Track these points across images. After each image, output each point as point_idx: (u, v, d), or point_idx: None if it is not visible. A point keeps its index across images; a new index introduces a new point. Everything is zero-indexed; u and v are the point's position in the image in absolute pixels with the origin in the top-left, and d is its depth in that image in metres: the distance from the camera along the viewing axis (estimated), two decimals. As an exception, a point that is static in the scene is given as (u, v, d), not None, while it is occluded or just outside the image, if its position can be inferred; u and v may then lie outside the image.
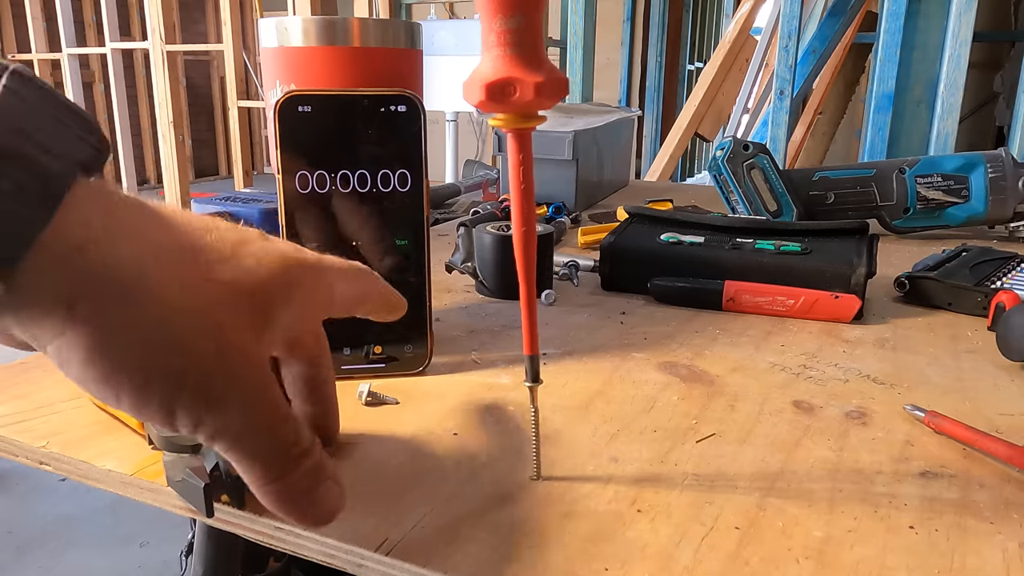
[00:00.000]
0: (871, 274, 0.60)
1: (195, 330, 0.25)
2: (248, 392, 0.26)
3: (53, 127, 0.24)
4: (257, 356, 0.27)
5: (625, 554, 0.30)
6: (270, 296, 0.28)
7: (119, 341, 0.24)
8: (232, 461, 0.27)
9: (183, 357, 0.25)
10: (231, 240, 0.28)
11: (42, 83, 0.24)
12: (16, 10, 4.75)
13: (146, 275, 0.24)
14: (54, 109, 0.24)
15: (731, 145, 0.88)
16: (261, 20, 0.50)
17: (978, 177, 0.85)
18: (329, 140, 0.43)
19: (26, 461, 0.39)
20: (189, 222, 0.28)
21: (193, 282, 0.26)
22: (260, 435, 0.27)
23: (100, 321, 0.24)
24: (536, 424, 0.35)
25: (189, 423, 0.25)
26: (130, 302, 0.24)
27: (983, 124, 3.85)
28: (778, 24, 1.90)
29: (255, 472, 0.27)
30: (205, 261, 0.27)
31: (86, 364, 0.24)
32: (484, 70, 0.29)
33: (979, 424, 0.40)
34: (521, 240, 0.32)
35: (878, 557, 0.30)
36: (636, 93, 4.32)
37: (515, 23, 0.28)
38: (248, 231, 0.30)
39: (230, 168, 6.48)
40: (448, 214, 1.16)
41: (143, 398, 0.25)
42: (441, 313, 0.60)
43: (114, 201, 0.25)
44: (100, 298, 0.24)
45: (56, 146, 0.23)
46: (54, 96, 0.25)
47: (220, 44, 2.69)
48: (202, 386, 0.25)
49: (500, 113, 0.30)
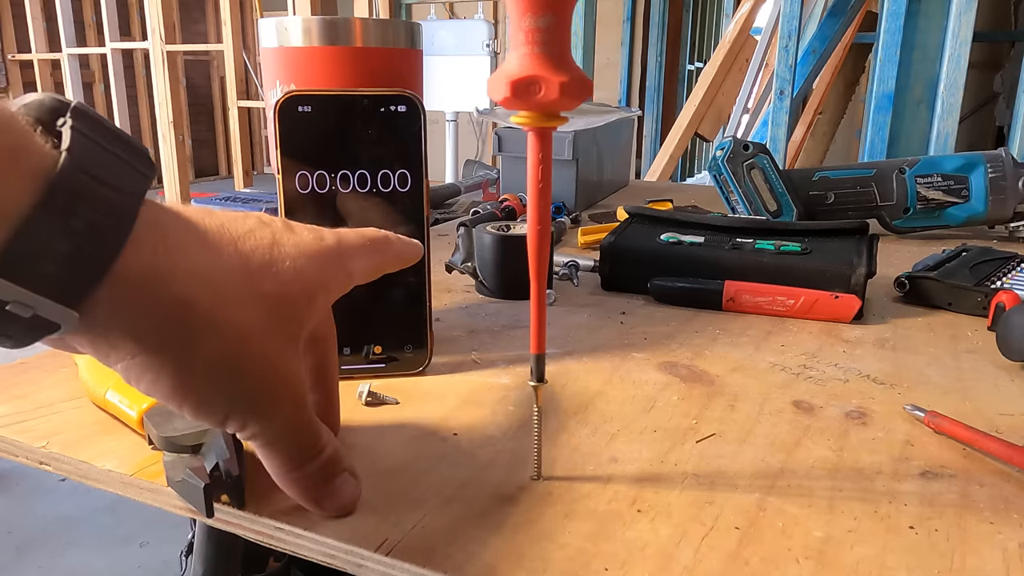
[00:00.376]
0: (871, 274, 0.60)
1: (247, 356, 0.28)
2: (289, 405, 0.30)
3: (114, 164, 0.25)
4: (297, 368, 0.30)
5: (625, 554, 0.30)
6: (309, 303, 0.31)
7: (185, 369, 0.27)
8: (258, 452, 0.30)
9: (237, 379, 0.28)
10: (266, 243, 0.30)
11: (99, 117, 0.26)
12: (16, 10, 4.75)
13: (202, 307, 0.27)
14: (113, 144, 0.26)
15: (731, 145, 0.88)
16: (261, 20, 0.50)
17: (978, 177, 0.85)
18: (329, 140, 0.43)
19: (26, 461, 0.39)
20: (229, 233, 0.29)
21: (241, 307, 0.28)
22: (291, 437, 0.30)
23: (168, 352, 0.27)
24: (539, 424, 0.35)
25: (236, 427, 0.29)
26: (192, 335, 0.27)
27: (983, 124, 3.85)
28: (778, 24, 1.90)
29: (276, 462, 0.31)
30: (249, 276, 0.29)
31: (155, 384, 0.27)
32: (511, 67, 0.29)
33: (979, 424, 0.40)
34: (536, 239, 0.32)
35: (878, 557, 0.30)
36: (636, 93, 4.31)
37: (544, 22, 0.28)
38: (272, 223, 0.31)
39: (230, 168, 6.48)
40: (448, 214, 1.16)
41: (203, 411, 0.28)
42: (441, 313, 0.60)
43: (167, 225, 0.27)
44: (167, 331, 0.26)
45: (120, 182, 0.25)
46: (110, 130, 0.26)
47: (220, 44, 2.70)
48: (252, 401, 0.29)
49: (523, 111, 0.30)
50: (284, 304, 0.30)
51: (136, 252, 0.25)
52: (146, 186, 0.26)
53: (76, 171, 0.24)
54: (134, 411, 0.38)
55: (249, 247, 0.29)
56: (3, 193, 0.22)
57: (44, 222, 0.23)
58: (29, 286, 0.23)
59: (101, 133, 0.25)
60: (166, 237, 0.27)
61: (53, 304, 0.24)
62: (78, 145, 0.24)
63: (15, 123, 0.23)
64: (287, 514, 0.32)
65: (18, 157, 0.23)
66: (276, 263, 0.30)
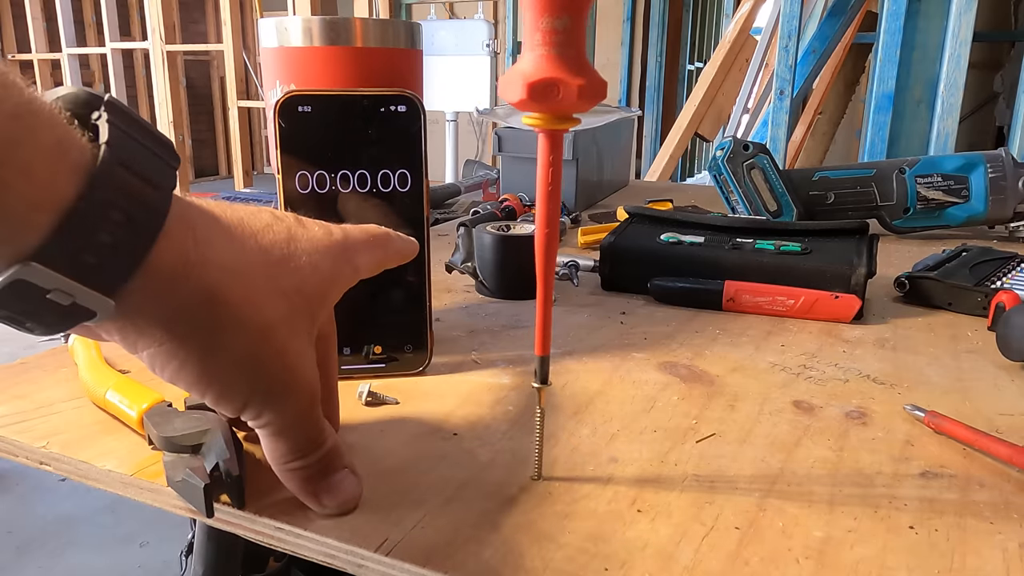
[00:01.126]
0: (871, 274, 0.60)
1: (269, 349, 0.29)
2: (304, 397, 0.31)
3: (148, 157, 0.26)
4: (312, 361, 0.31)
5: (625, 554, 0.30)
6: (323, 298, 0.32)
7: (210, 359, 0.28)
8: (264, 440, 0.31)
9: (259, 371, 0.29)
10: (283, 237, 0.31)
11: (129, 110, 0.26)
12: (16, 10, 4.75)
13: (230, 300, 0.28)
14: (145, 139, 0.26)
15: (731, 145, 0.88)
16: (261, 20, 0.50)
17: (978, 177, 0.85)
18: (329, 140, 0.43)
19: (26, 461, 0.39)
20: (249, 227, 0.30)
21: (265, 301, 0.29)
22: (299, 427, 0.31)
23: (194, 341, 0.27)
24: (541, 424, 0.35)
25: (252, 415, 0.30)
26: (219, 326, 0.28)
27: (983, 124, 3.85)
28: (778, 24, 1.90)
29: (280, 451, 0.31)
30: (270, 270, 0.30)
31: (179, 371, 0.28)
32: (527, 68, 0.28)
33: (979, 424, 0.40)
34: (543, 241, 0.32)
35: (878, 557, 0.30)
36: (636, 93, 4.31)
37: (562, 23, 0.28)
38: (286, 218, 0.32)
39: (230, 168, 6.48)
40: (448, 214, 1.16)
41: (224, 399, 0.29)
42: (441, 313, 0.60)
43: (194, 219, 0.28)
44: (195, 321, 0.27)
45: (153, 175, 0.26)
46: (140, 124, 0.27)
47: (220, 44, 2.70)
48: (270, 392, 0.30)
49: (538, 113, 0.30)
50: (302, 298, 0.30)
51: (168, 244, 0.26)
52: (174, 179, 0.27)
53: (115, 165, 0.24)
54: (134, 411, 0.38)
55: (268, 241, 0.30)
56: (51, 186, 0.23)
57: (87, 214, 0.24)
58: (71, 275, 0.24)
59: (134, 126, 0.26)
60: (195, 230, 0.27)
61: (92, 293, 0.25)
62: (115, 139, 0.25)
63: (57, 118, 0.24)
64: (287, 514, 0.32)
65: (63, 148, 0.24)
66: (293, 258, 0.31)
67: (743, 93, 2.55)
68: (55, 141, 0.23)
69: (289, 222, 0.32)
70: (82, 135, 0.25)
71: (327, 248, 0.32)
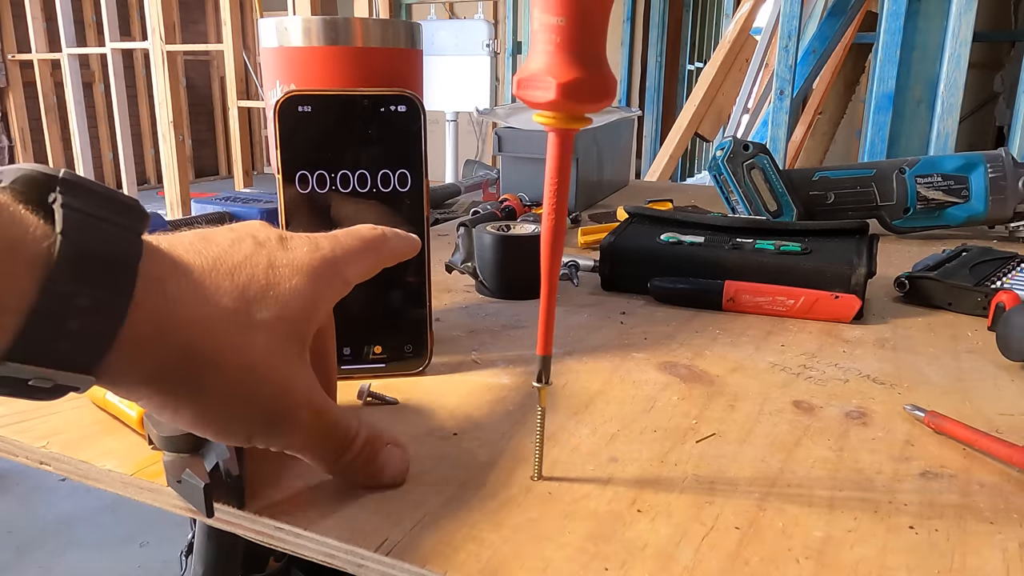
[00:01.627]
0: (871, 274, 0.60)
1: (256, 382, 0.29)
2: (308, 415, 0.31)
3: (110, 234, 0.26)
4: (308, 378, 0.32)
5: (625, 554, 0.30)
6: (309, 319, 0.32)
7: (200, 405, 0.29)
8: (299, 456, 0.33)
9: (250, 405, 0.30)
10: (262, 268, 0.31)
11: (86, 183, 0.26)
12: (16, 10, 4.75)
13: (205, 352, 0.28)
14: (105, 210, 0.26)
15: (731, 145, 0.88)
16: (261, 20, 0.50)
17: (978, 177, 0.85)
18: (329, 140, 0.43)
19: (26, 461, 0.39)
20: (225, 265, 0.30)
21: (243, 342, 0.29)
22: (320, 441, 0.32)
23: (182, 392, 0.28)
24: (541, 425, 0.35)
25: (262, 444, 0.31)
26: (200, 375, 0.28)
27: (983, 124, 3.85)
28: (778, 24, 1.90)
29: (316, 463, 0.33)
30: (248, 307, 0.30)
31: (175, 417, 0.29)
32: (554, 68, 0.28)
33: (979, 424, 0.40)
34: (549, 241, 0.32)
35: (878, 557, 0.30)
36: (636, 93, 4.31)
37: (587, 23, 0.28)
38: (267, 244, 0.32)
39: (230, 168, 6.48)
40: (448, 214, 1.16)
41: (225, 435, 0.30)
42: (441, 313, 0.60)
43: (164, 276, 0.28)
44: (177, 375, 0.28)
45: (118, 249, 0.26)
46: (100, 195, 0.26)
47: (220, 44, 2.69)
48: (269, 423, 0.30)
49: (550, 111, 0.30)
50: (285, 324, 0.30)
51: (139, 314, 0.26)
52: (140, 246, 0.26)
53: (74, 255, 0.24)
54: (134, 411, 0.38)
55: (245, 277, 0.30)
56: (12, 287, 0.23)
57: (51, 310, 0.24)
58: (46, 364, 0.24)
59: (92, 200, 0.25)
60: (165, 289, 0.27)
61: (70, 374, 0.25)
62: (72, 224, 0.24)
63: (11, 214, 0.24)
64: (287, 514, 0.32)
65: (16, 250, 0.23)
66: (273, 287, 0.30)
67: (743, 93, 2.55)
68: (10, 242, 0.23)
69: (271, 247, 0.31)
70: (39, 223, 0.24)
71: (311, 268, 0.32)
